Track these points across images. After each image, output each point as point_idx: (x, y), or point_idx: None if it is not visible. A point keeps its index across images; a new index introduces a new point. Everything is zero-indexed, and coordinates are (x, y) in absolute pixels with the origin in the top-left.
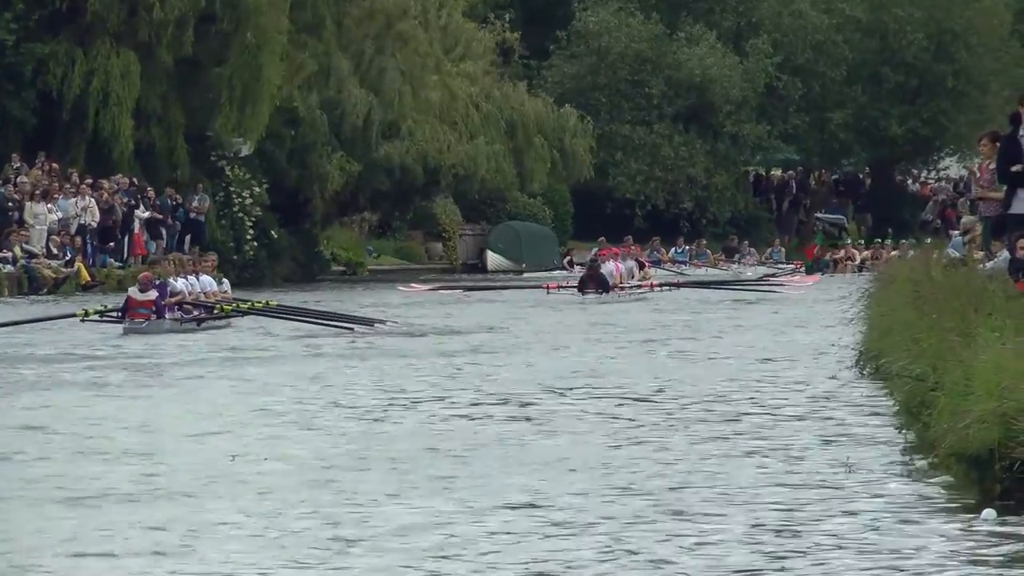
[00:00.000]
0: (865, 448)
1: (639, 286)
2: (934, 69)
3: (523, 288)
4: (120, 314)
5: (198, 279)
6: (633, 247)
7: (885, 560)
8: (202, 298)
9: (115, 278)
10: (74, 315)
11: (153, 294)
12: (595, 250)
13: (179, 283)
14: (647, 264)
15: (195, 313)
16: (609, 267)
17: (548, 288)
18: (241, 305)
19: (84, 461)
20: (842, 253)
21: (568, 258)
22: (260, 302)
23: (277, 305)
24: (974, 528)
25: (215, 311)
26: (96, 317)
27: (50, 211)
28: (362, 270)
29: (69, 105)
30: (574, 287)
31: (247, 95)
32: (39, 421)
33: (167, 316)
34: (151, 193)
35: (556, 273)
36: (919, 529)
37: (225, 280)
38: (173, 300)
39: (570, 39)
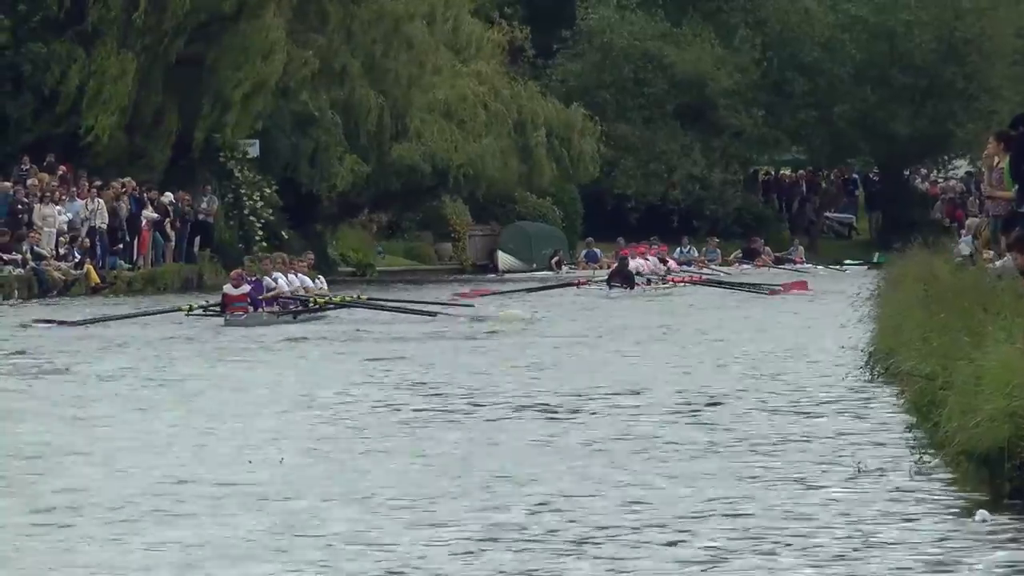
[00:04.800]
0: (875, 447)
1: (664, 281)
2: (944, 72)
3: (556, 287)
4: (220, 309)
5: (296, 277)
6: (657, 246)
7: (893, 558)
8: (300, 292)
9: (124, 280)
10: (179, 310)
11: (246, 288)
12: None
13: (281, 280)
14: (670, 261)
15: (292, 306)
16: (635, 264)
17: (579, 284)
18: (334, 299)
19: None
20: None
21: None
22: (352, 296)
23: (367, 298)
24: (975, 529)
25: (310, 304)
26: (200, 312)
27: (59, 213)
28: (371, 271)
29: (67, 107)
30: (603, 281)
31: (245, 92)
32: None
33: (264, 309)
34: (155, 195)
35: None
36: (928, 527)
37: (320, 278)
38: (270, 295)
39: (575, 38)
